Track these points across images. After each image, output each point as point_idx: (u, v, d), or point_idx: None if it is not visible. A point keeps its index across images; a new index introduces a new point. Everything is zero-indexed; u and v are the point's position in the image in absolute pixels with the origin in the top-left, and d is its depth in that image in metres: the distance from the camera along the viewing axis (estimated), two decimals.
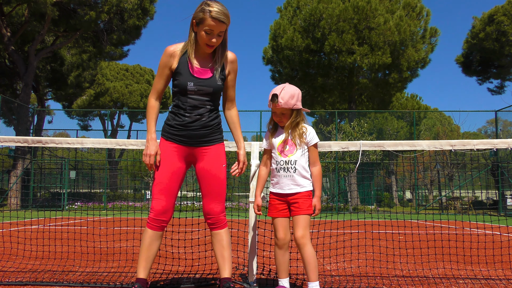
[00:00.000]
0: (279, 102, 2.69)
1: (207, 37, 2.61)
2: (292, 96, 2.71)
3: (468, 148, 3.34)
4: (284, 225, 2.73)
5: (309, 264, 2.62)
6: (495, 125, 21.34)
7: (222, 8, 2.59)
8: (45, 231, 6.26)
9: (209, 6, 2.57)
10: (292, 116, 2.77)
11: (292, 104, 2.72)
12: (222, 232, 2.76)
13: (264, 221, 5.69)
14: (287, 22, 23.12)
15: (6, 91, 23.99)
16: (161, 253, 4.46)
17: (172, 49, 2.72)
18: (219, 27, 2.59)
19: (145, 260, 2.67)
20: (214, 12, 2.55)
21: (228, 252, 2.75)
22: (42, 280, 3.16)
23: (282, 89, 2.72)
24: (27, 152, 19.19)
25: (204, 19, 2.57)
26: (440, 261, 4.21)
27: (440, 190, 26.21)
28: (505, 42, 23.77)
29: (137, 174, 23.37)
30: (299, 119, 2.78)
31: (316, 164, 2.79)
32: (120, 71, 36.45)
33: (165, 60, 2.72)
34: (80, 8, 19.47)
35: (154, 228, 2.69)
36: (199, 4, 2.64)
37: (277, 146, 2.80)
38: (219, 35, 2.62)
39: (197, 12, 2.62)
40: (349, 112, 23.34)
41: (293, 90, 2.74)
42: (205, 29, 2.59)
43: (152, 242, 2.68)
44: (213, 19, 2.55)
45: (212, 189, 2.76)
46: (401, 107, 34.01)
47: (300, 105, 2.78)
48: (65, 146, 3.53)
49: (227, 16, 2.60)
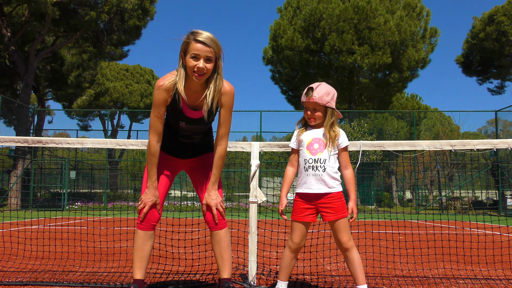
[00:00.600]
0: (313, 96, 2.62)
1: (193, 63, 2.47)
2: (327, 93, 2.66)
3: (468, 148, 3.34)
4: (303, 231, 2.69)
5: (359, 267, 2.59)
6: (495, 125, 21.34)
7: (208, 34, 2.50)
8: (45, 231, 6.26)
9: (194, 32, 2.50)
10: (328, 115, 2.68)
11: (326, 101, 2.65)
12: (222, 232, 2.73)
13: (264, 221, 5.69)
14: (287, 22, 23.12)
15: (6, 91, 24.00)
16: (161, 253, 4.46)
17: (166, 85, 2.57)
18: (205, 51, 2.45)
19: (140, 261, 2.65)
20: (199, 36, 2.46)
21: (227, 253, 2.72)
22: (42, 280, 3.16)
23: (319, 85, 2.67)
24: (27, 152, 19.19)
25: (189, 44, 2.48)
26: (440, 261, 4.20)
27: (440, 190, 26.20)
28: (505, 42, 23.76)
29: (137, 174, 23.36)
30: (334, 120, 2.69)
31: (348, 167, 2.71)
32: (120, 71, 36.45)
33: (161, 97, 2.57)
34: (80, 8, 19.47)
35: (144, 228, 2.67)
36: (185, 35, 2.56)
37: (307, 144, 2.70)
38: (207, 60, 2.48)
39: (182, 43, 2.53)
40: (349, 112, 23.34)
41: (329, 88, 2.69)
42: (191, 55, 2.47)
43: (145, 242, 2.67)
44: (197, 42, 2.45)
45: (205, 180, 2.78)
46: (401, 107, 34.01)
47: (334, 104, 2.70)
48: (65, 146, 3.53)
49: (213, 40, 2.48)
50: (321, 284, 3.19)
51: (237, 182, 18.32)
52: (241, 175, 19.55)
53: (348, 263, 2.61)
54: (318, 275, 3.55)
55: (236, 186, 17.80)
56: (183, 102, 2.59)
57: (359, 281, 2.58)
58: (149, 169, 2.65)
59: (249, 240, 3.22)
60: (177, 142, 2.79)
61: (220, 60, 2.57)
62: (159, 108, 2.59)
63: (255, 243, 3.21)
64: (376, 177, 23.22)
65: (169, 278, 3.38)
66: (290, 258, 2.70)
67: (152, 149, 2.63)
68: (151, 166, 2.65)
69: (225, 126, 2.68)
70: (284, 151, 3.44)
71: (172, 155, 2.83)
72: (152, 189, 2.65)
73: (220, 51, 2.53)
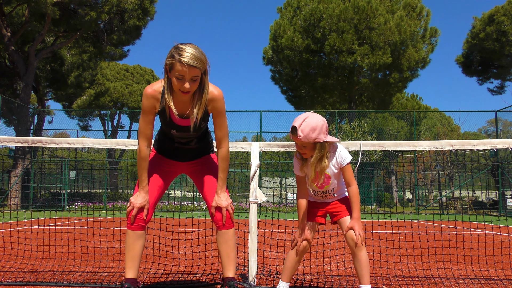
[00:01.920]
0: (298, 135, 2.48)
1: (178, 83, 2.41)
2: (313, 129, 2.47)
3: (468, 148, 3.34)
4: (312, 228, 2.71)
5: (366, 267, 2.57)
6: (495, 125, 21.34)
7: (193, 52, 2.36)
8: (45, 231, 6.26)
9: (179, 50, 2.36)
10: (316, 151, 2.55)
11: (313, 138, 2.48)
12: (230, 232, 2.74)
13: (264, 221, 5.68)
14: (287, 22, 23.13)
15: (6, 91, 24.01)
16: (161, 253, 4.46)
17: (153, 92, 2.55)
18: (190, 72, 2.37)
19: (131, 260, 2.65)
20: (184, 57, 2.34)
21: (234, 252, 2.74)
22: (42, 280, 3.16)
23: (303, 120, 2.48)
24: (27, 152, 19.20)
25: (174, 65, 2.37)
26: (440, 261, 4.20)
27: (440, 190, 26.19)
28: (505, 42, 23.76)
29: (137, 174, 23.35)
30: (323, 153, 2.56)
31: (351, 183, 2.62)
32: (120, 71, 36.47)
33: (149, 104, 2.57)
34: (80, 8, 19.47)
35: (133, 228, 2.67)
36: (170, 49, 2.43)
37: (311, 178, 2.66)
38: (193, 79, 2.41)
39: (167, 58, 2.42)
40: (349, 112, 23.34)
41: (315, 122, 2.48)
42: (176, 75, 2.39)
43: (135, 242, 2.66)
44: (182, 65, 2.34)
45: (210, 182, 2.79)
46: (401, 107, 34.02)
47: (323, 137, 2.52)
48: (65, 146, 3.53)
49: (199, 59, 2.37)
50: (321, 284, 3.19)
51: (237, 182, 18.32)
52: (241, 175, 19.56)
53: (355, 261, 2.59)
54: (318, 275, 3.55)
55: (236, 186, 17.80)
56: (171, 112, 2.60)
57: (364, 281, 2.56)
58: (140, 173, 2.67)
59: (249, 240, 3.22)
60: (174, 147, 2.81)
61: (207, 74, 2.51)
62: (148, 114, 2.61)
63: (255, 243, 3.21)
64: (376, 177, 23.21)
65: (169, 278, 3.38)
66: (296, 261, 2.70)
67: (142, 154, 2.65)
68: (142, 170, 2.66)
69: (222, 129, 2.69)
70: (284, 151, 3.44)
71: (171, 159, 2.85)
72: (143, 193, 2.66)
73: (205, 67, 2.46)
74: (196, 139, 2.77)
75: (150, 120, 2.63)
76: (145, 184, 2.67)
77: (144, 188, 2.67)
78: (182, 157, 2.86)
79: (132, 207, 2.64)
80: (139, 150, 2.65)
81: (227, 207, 2.70)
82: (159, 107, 2.59)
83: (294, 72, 25.03)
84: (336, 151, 2.63)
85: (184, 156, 2.85)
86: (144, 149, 2.65)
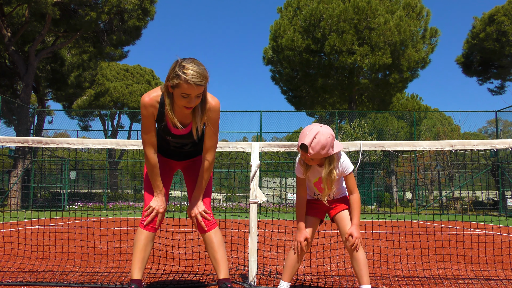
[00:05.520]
0: (309, 153, 2.46)
1: (184, 101, 2.42)
2: (323, 146, 2.45)
3: (468, 148, 3.34)
4: (313, 224, 2.72)
5: (364, 266, 2.57)
6: (496, 125, 21.34)
7: (198, 69, 2.35)
8: (45, 232, 6.26)
9: (183, 69, 2.34)
10: (325, 166, 2.56)
11: (323, 154, 2.48)
12: (211, 233, 2.73)
13: (264, 221, 5.68)
14: (287, 22, 23.13)
15: (7, 92, 24.00)
16: (161, 253, 4.46)
17: (151, 101, 2.55)
18: (196, 91, 2.38)
19: (141, 261, 2.64)
20: (190, 76, 2.32)
21: (219, 253, 2.71)
22: (43, 281, 3.16)
23: (314, 137, 2.44)
24: (27, 152, 19.20)
25: (179, 85, 2.36)
26: (440, 261, 4.20)
27: (440, 191, 26.18)
28: (506, 42, 23.76)
29: (137, 175, 23.36)
30: (332, 167, 2.57)
31: (354, 191, 2.66)
32: (120, 72, 36.46)
33: (149, 114, 2.57)
34: (80, 9, 19.48)
35: (148, 229, 2.68)
36: (173, 65, 2.40)
37: (314, 182, 2.71)
38: (197, 96, 2.43)
39: (171, 77, 2.39)
40: (349, 113, 23.35)
41: (325, 139, 2.45)
42: (181, 94, 2.39)
43: (148, 243, 2.67)
44: (189, 85, 2.34)
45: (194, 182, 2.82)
46: (402, 107, 34.02)
47: (332, 150, 2.52)
48: (65, 147, 3.53)
49: (204, 77, 2.38)
50: (321, 284, 3.19)
51: (237, 182, 18.32)
52: (241, 175, 19.56)
53: (353, 262, 2.60)
54: (318, 275, 3.55)
55: (236, 186, 17.81)
56: (168, 121, 2.61)
57: (364, 281, 2.56)
58: (154, 179, 2.67)
59: (249, 240, 3.22)
60: (170, 150, 2.85)
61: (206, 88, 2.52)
62: (149, 123, 2.61)
63: (255, 243, 3.21)
64: (376, 177, 23.22)
65: (169, 278, 3.38)
66: (295, 261, 2.69)
67: (151, 161, 2.65)
68: (155, 176, 2.67)
69: (211, 140, 2.68)
70: (284, 151, 3.44)
71: (167, 158, 2.90)
72: (162, 196, 2.70)
73: (207, 81, 2.46)
74: (191, 143, 2.80)
75: (152, 128, 2.63)
76: (162, 188, 2.69)
77: (161, 192, 2.69)
78: (178, 157, 2.91)
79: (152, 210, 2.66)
80: (148, 158, 2.65)
81: (196, 216, 2.70)
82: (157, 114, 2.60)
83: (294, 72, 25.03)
84: (340, 160, 2.63)
85: (179, 157, 2.90)
86: (153, 156, 2.65)
